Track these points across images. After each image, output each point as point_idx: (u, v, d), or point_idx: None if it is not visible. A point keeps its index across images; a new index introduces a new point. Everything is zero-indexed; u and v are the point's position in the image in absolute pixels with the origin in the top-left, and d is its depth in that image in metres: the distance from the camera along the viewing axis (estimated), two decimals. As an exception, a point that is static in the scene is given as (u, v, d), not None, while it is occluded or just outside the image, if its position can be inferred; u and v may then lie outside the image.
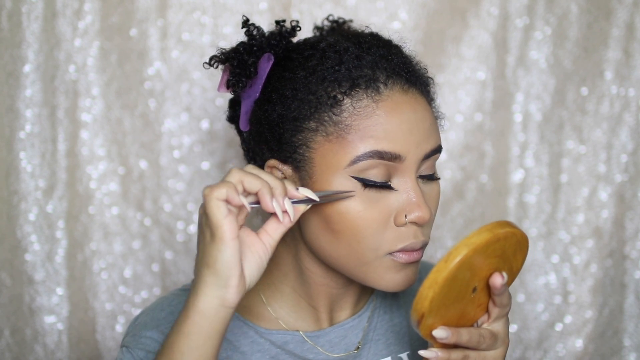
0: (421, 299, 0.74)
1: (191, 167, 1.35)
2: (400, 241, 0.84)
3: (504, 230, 0.74)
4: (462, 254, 0.72)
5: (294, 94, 0.85)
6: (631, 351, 1.44)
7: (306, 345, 0.93)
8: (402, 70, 0.86)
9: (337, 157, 0.83)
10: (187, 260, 1.36)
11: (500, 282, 0.77)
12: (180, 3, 1.32)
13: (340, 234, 0.84)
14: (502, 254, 0.76)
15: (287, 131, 0.86)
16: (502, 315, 0.82)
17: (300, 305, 0.95)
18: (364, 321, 0.98)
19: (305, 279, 0.93)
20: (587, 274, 1.44)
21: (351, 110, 0.83)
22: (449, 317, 0.77)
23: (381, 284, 0.87)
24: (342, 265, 0.87)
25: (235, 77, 0.90)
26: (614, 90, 1.42)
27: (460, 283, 0.74)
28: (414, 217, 0.83)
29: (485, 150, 1.43)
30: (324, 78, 0.84)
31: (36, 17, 1.24)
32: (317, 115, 0.84)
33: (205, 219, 0.76)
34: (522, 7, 1.40)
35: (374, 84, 0.84)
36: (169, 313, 0.90)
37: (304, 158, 0.85)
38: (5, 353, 1.26)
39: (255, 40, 0.92)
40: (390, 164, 0.83)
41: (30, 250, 1.27)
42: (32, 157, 1.26)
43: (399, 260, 0.85)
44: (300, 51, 0.89)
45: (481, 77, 1.42)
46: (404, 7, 1.39)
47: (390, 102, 0.84)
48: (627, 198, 1.43)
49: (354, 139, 0.83)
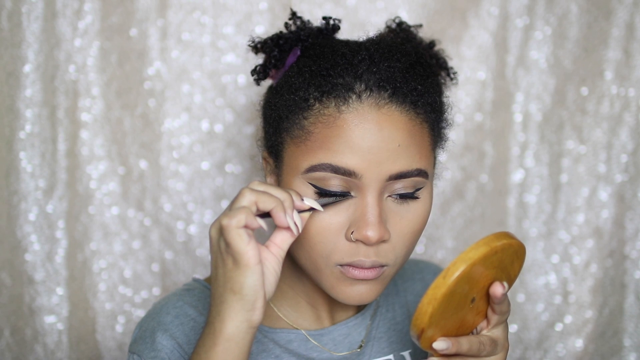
0: (420, 314, 0.74)
1: (191, 167, 1.35)
2: (348, 255, 0.83)
3: (501, 243, 0.74)
4: (460, 270, 0.72)
5: (281, 92, 0.87)
6: (631, 351, 1.44)
7: (309, 344, 0.93)
8: (389, 84, 0.82)
9: (297, 161, 0.83)
10: (187, 260, 1.36)
11: (501, 292, 0.77)
12: (180, 3, 1.32)
13: (300, 236, 0.84)
14: (500, 264, 0.77)
15: (272, 126, 0.88)
16: (501, 322, 0.82)
17: (299, 304, 0.95)
18: (367, 319, 0.98)
19: (300, 276, 0.94)
20: (587, 274, 1.44)
21: (317, 116, 0.82)
22: (449, 327, 0.77)
23: (333, 293, 0.87)
24: (304, 267, 0.88)
25: (264, 67, 0.93)
26: (614, 90, 1.42)
27: (459, 296, 0.75)
28: (360, 235, 0.81)
29: (485, 150, 1.43)
30: (310, 80, 0.84)
31: (36, 17, 1.24)
32: (291, 116, 0.84)
33: (226, 246, 0.74)
34: (522, 7, 1.40)
35: (346, 93, 0.81)
36: (175, 317, 0.90)
37: (279, 156, 0.87)
38: (5, 353, 1.26)
39: (292, 33, 0.92)
40: (348, 179, 0.81)
41: (30, 250, 1.27)
42: (32, 157, 1.26)
43: (347, 273, 0.84)
44: (321, 47, 0.89)
45: (481, 77, 1.42)
46: (404, 7, 1.39)
47: (354, 115, 0.81)
48: (627, 198, 1.43)
49: (313, 146, 0.81)
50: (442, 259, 1.45)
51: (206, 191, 1.36)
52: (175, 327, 0.88)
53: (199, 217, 1.36)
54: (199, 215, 1.36)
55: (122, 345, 1.34)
